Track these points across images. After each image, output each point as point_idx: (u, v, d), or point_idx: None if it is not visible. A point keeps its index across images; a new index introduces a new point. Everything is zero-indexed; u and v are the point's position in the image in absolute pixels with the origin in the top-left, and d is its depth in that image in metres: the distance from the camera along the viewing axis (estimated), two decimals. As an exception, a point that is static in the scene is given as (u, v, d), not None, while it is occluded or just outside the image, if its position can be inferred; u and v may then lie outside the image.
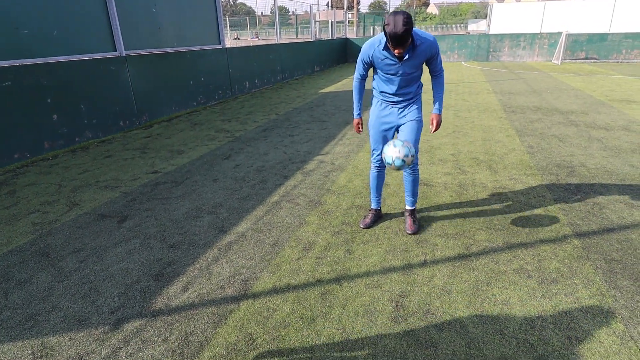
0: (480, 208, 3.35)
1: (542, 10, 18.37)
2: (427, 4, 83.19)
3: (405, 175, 2.98)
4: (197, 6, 8.41)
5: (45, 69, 5.23)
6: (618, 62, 16.05)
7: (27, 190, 4.06)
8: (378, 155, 2.93)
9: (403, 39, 2.30)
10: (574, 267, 2.49)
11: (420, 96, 2.84)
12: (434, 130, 2.79)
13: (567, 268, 2.49)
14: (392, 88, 2.72)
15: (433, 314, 2.13)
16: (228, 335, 2.02)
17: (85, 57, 5.87)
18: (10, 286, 2.50)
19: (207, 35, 8.82)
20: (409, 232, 2.97)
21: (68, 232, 3.17)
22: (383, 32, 2.42)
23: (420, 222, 3.14)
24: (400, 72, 2.62)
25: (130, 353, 1.93)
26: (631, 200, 3.41)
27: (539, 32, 17.75)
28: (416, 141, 2.79)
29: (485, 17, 19.78)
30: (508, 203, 3.43)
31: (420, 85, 2.80)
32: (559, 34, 16.50)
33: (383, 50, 2.55)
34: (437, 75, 2.74)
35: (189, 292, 2.39)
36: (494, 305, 2.18)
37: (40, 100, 5.18)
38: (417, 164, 2.93)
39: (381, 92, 2.80)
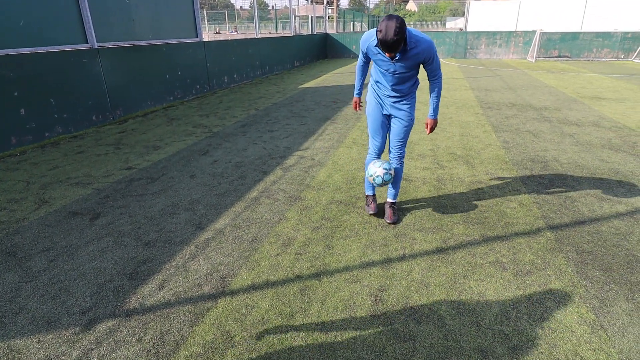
0: (457, 202, 3.40)
1: (518, 8, 18.79)
2: (406, 1, 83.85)
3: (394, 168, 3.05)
4: (173, -2, 8.19)
5: (11, 61, 4.99)
6: (589, 60, 16.60)
7: (-8, 188, 3.88)
8: (376, 142, 2.98)
9: (393, 47, 2.31)
10: (547, 259, 2.56)
11: (414, 94, 2.87)
12: (430, 132, 2.89)
13: (540, 260, 2.55)
14: (386, 82, 2.74)
15: (411, 307, 2.15)
16: (205, 334, 1.98)
17: (55, 48, 5.63)
18: (-26, 288, 2.38)
19: (183, 28, 8.62)
20: (388, 221, 3.02)
21: (36, 230, 3.04)
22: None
23: (400, 216, 3.16)
24: (392, 69, 2.63)
25: (103, 354, 1.87)
26: (601, 193, 3.53)
27: (514, 30, 18.15)
28: (404, 139, 2.92)
29: (463, 14, 20.09)
30: (484, 197, 3.49)
31: (416, 84, 2.81)
32: (534, 32, 16.91)
33: (376, 46, 2.55)
34: (434, 79, 2.70)
35: (165, 290, 2.32)
36: (471, 297, 2.22)
37: (6, 94, 4.94)
38: (404, 156, 3.02)
39: (376, 81, 2.82)
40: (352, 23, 29.19)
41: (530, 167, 4.21)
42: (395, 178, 3.02)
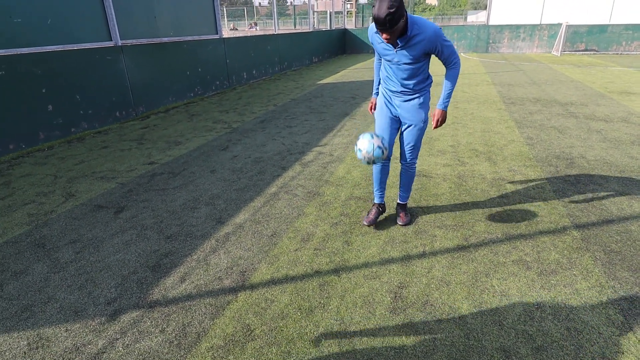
0: (479, 199, 3.34)
1: (542, 1, 18.22)
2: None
3: (401, 169, 2.87)
4: (193, -5, 8.28)
5: (39, 59, 5.15)
6: (618, 53, 15.98)
7: (22, 181, 4.02)
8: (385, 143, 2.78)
9: (385, 25, 2.12)
10: (573, 259, 2.49)
11: (427, 92, 2.59)
12: (436, 126, 2.58)
13: (566, 259, 2.48)
14: (392, 76, 2.54)
15: (432, 305, 2.13)
16: (226, 327, 2.01)
17: (80, 46, 5.78)
18: (6, 277, 2.47)
19: (204, 25, 8.71)
20: (400, 223, 2.93)
21: (64, 223, 3.14)
22: None
23: (414, 216, 3.12)
24: (396, 59, 2.42)
25: (127, 344, 1.92)
26: (630, 191, 3.40)
27: (538, 23, 17.61)
28: (415, 144, 2.70)
29: (485, 8, 19.60)
30: (507, 194, 3.41)
31: (426, 80, 2.55)
32: (559, 25, 16.38)
33: (376, 33, 2.40)
34: (449, 66, 2.45)
35: (186, 283, 2.37)
36: (493, 296, 2.18)
37: (34, 90, 5.11)
38: (415, 161, 2.81)
39: (385, 77, 2.63)
40: (371, 18, 28.94)
41: (555, 164, 4.09)
42: (404, 181, 2.88)
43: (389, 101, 2.68)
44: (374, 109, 2.84)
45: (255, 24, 31.29)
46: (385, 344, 1.88)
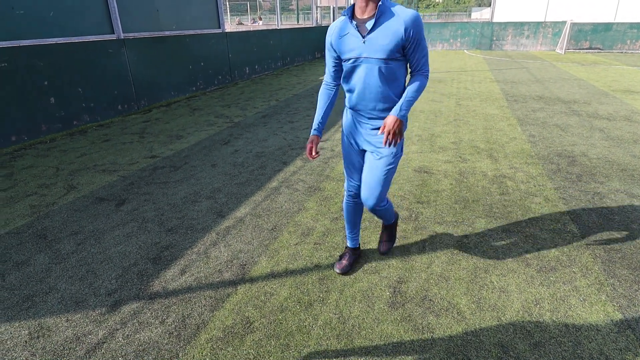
0: (480, 196, 3.34)
1: (547, -2, 18.10)
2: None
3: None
4: (196, -11, 8.26)
5: (41, 51, 5.15)
6: (622, 52, 15.88)
7: (24, 173, 4.03)
8: (352, 182, 2.20)
9: None
10: (573, 256, 2.49)
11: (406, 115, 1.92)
12: (386, 139, 1.86)
13: (566, 257, 2.48)
14: (358, 86, 1.92)
15: (431, 300, 2.13)
16: (225, 319, 2.02)
17: (83, 39, 5.78)
18: (8, 267, 2.49)
19: (206, 19, 8.69)
20: (381, 250, 2.54)
21: (66, 214, 3.15)
22: None
23: (412, 211, 3.13)
24: (364, 54, 1.83)
25: (127, 334, 1.93)
26: (632, 190, 3.40)
27: (543, 20, 17.51)
28: (381, 184, 2.00)
29: (489, 5, 19.50)
30: (508, 192, 3.41)
31: (402, 92, 1.93)
32: (563, 23, 16.28)
33: (349, 20, 1.85)
34: (418, 72, 1.87)
35: (187, 275, 2.38)
36: (492, 292, 2.18)
37: (36, 83, 5.11)
38: (383, 205, 2.16)
39: (347, 91, 2.02)
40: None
41: (557, 161, 4.08)
42: (384, 217, 2.35)
43: (354, 130, 2.08)
44: (314, 153, 2.03)
45: (260, 19, 31.17)
46: (384, 338, 1.89)
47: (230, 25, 30.69)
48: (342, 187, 3.56)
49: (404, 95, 1.87)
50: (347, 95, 2.04)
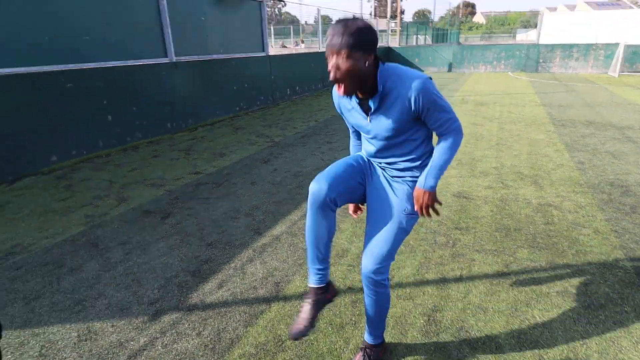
0: (522, 225, 3.21)
1: (598, 20, 17.41)
2: (473, 13, 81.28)
3: (365, 290, 1.72)
4: (243, 15, 8.72)
5: (102, 73, 5.61)
6: (685, 75, 14.85)
7: (81, 185, 4.36)
8: (319, 184, 1.63)
9: (342, 45, 1.39)
10: (625, 294, 2.33)
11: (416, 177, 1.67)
12: (421, 212, 1.60)
13: (617, 294, 2.33)
14: (374, 151, 1.70)
15: (467, 331, 2.07)
16: (258, 335, 2.06)
17: (139, 62, 6.24)
18: (63, 272, 2.69)
19: (251, 43, 9.11)
20: None
21: (116, 225, 3.36)
22: None
23: (450, 237, 3.05)
24: (372, 133, 1.61)
25: (166, 344, 2.02)
26: (694, 225, 3.14)
27: (594, 42, 16.80)
28: (387, 247, 1.60)
29: (535, 26, 19.01)
30: (554, 221, 3.26)
31: (427, 154, 1.66)
32: (617, 45, 15.53)
33: (351, 98, 1.60)
34: (445, 134, 1.57)
35: (224, 289, 2.46)
36: (534, 327, 2.08)
37: (97, 102, 5.56)
38: (385, 277, 1.65)
39: (367, 150, 1.75)
40: (415, 36, 28.88)
41: (608, 191, 3.86)
42: (370, 310, 1.75)
43: (367, 169, 1.77)
44: (360, 211, 1.96)
45: (302, 42, 32.16)
46: (417, 367, 1.85)
47: (273, 48, 31.90)
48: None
49: (432, 160, 1.57)
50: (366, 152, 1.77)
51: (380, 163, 1.72)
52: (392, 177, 1.70)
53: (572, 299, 2.29)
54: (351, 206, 1.96)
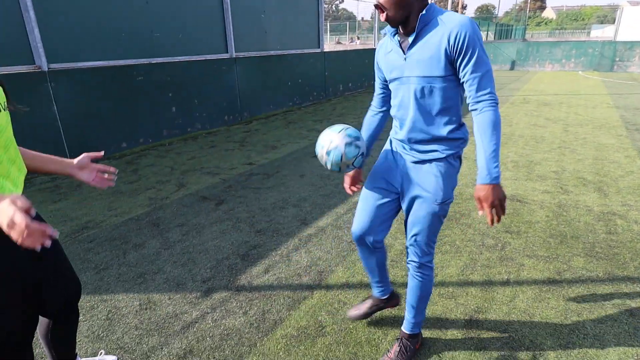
0: (580, 232, 3.03)
1: (692, 13, 15.59)
2: (543, 8, 75.98)
3: (409, 273, 1.78)
4: (301, 12, 8.89)
5: (170, 67, 6.03)
6: None
7: (147, 170, 4.75)
8: (358, 231, 1.79)
9: None
10: (694, 313, 2.14)
11: (456, 153, 1.60)
12: (489, 217, 1.46)
13: (684, 312, 2.15)
14: (399, 111, 1.63)
15: (510, 335, 2.02)
16: (300, 319, 2.16)
17: (203, 57, 6.62)
18: (128, 247, 2.97)
19: (308, 40, 9.27)
20: None
21: (175, 208, 3.64)
22: None
23: (499, 240, 2.95)
24: (406, 73, 1.52)
25: (216, 319, 2.18)
26: None
27: (684, 39, 15.09)
28: (426, 230, 1.64)
29: (614, 22, 17.42)
30: (617, 231, 3.04)
31: (456, 127, 1.57)
32: None
33: (391, 35, 1.58)
34: (477, 101, 1.43)
35: (270, 274, 2.59)
36: (584, 338, 1.99)
37: (163, 94, 5.99)
38: (429, 260, 1.72)
39: (396, 116, 1.69)
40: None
41: (685, 203, 3.51)
42: (412, 294, 1.79)
43: (391, 165, 1.75)
44: (356, 187, 1.98)
45: (358, 38, 32.03)
46: (454, 364, 1.85)
47: (329, 44, 32.08)
48: (425, 208, 3.52)
49: (482, 147, 1.43)
50: (393, 126, 1.74)
51: (404, 145, 1.66)
52: (417, 162, 1.62)
53: (630, 313, 2.15)
54: (347, 181, 1.96)
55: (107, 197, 3.94)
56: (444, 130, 1.55)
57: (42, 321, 1.45)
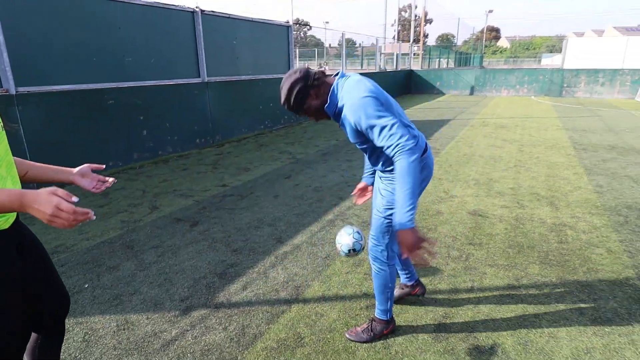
0: (535, 243, 3.30)
1: (625, 45, 17.27)
2: (497, 37, 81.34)
3: (372, 271, 2.15)
4: (272, 39, 9.19)
5: (140, 91, 6.06)
6: None
7: (117, 193, 4.70)
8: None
9: (292, 109, 1.82)
10: (633, 310, 2.39)
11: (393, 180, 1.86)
12: (404, 253, 1.61)
13: (625, 310, 2.39)
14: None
15: (475, 337, 2.18)
16: (279, 332, 2.24)
17: (174, 81, 6.69)
18: (102, 270, 2.95)
19: (278, 65, 9.54)
20: (347, 335, 2.18)
21: (149, 230, 3.64)
22: None
23: (463, 252, 3.17)
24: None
25: (196, 336, 2.22)
26: None
27: (620, 68, 16.63)
28: (373, 233, 2.02)
29: (561, 51, 18.98)
30: (567, 240, 3.33)
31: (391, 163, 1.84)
32: (645, 70, 15.33)
33: None
34: (394, 157, 1.62)
35: (248, 291, 2.65)
36: (540, 336, 2.18)
37: (134, 118, 5.99)
38: (376, 256, 2.04)
39: None
40: (438, 60, 29.18)
41: (625, 214, 3.89)
42: (375, 283, 2.11)
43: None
44: (363, 198, 2.28)
45: (326, 64, 32.95)
46: (426, 366, 1.98)
47: (298, 69, 32.61)
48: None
49: (396, 196, 1.59)
50: None
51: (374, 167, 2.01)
52: (380, 177, 2.00)
53: (580, 312, 2.38)
54: (358, 187, 2.29)
55: (77, 221, 3.87)
56: (388, 165, 1.88)
57: (31, 336, 1.46)
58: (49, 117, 4.91)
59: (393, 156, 1.60)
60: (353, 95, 1.68)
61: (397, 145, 1.58)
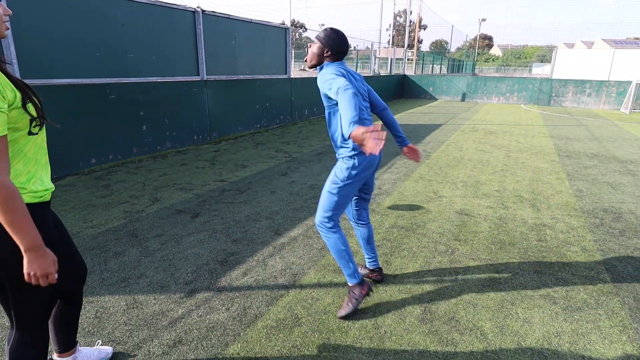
0: (516, 240, 3.53)
1: (611, 57, 17.80)
2: (490, 45, 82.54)
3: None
4: (270, 40, 9.37)
5: (143, 87, 6.19)
6: (697, 116, 15.01)
7: (118, 185, 4.84)
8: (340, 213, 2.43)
9: (316, 36, 2.34)
10: (600, 300, 2.63)
11: (344, 161, 2.35)
12: (366, 150, 1.65)
13: (593, 300, 2.63)
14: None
15: (457, 320, 2.39)
16: (278, 313, 2.43)
17: (175, 79, 6.83)
18: (109, 256, 3.10)
19: (275, 66, 9.73)
20: (338, 315, 2.40)
21: (152, 220, 3.79)
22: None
23: (449, 247, 3.39)
24: None
25: (200, 315, 2.39)
26: (676, 249, 3.42)
27: (606, 79, 17.15)
28: (320, 205, 2.39)
29: (551, 61, 19.47)
30: (546, 239, 3.57)
31: (341, 140, 2.33)
32: (629, 82, 15.86)
33: None
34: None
35: (248, 277, 2.83)
36: (516, 321, 2.40)
37: (134, 113, 6.12)
38: (319, 223, 2.40)
39: None
40: (431, 65, 29.62)
41: (601, 216, 4.16)
42: (331, 251, 2.44)
43: None
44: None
45: (319, 66, 33.13)
46: (411, 345, 2.18)
47: (294, 70, 32.97)
48: (386, 221, 3.92)
49: (342, 115, 1.91)
50: None
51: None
52: (337, 158, 2.44)
53: (553, 301, 2.61)
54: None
55: (80, 210, 4.01)
56: (336, 136, 2.37)
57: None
58: (51, 109, 5.03)
59: (337, 95, 1.95)
60: (327, 71, 2.25)
61: (340, 87, 1.95)
